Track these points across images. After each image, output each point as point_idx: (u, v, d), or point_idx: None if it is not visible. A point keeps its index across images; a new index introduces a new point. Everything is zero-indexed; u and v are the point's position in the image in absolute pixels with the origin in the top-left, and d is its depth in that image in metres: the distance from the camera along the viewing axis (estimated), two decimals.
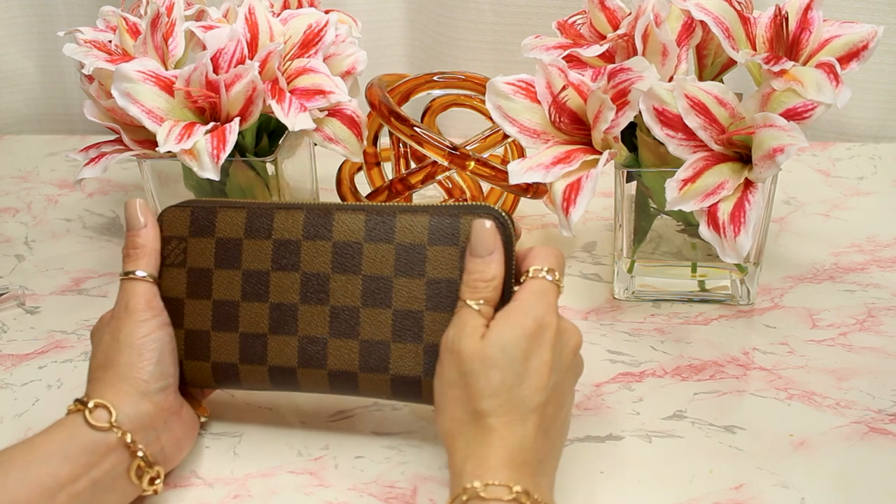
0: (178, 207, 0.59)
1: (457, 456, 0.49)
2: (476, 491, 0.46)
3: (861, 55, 0.64)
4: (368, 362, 0.55)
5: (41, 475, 0.48)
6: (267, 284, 0.57)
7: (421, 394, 0.55)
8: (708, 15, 0.65)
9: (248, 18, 0.73)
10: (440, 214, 0.55)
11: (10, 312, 0.75)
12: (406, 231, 0.55)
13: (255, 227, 0.57)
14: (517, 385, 0.49)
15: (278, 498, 0.56)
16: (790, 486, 0.55)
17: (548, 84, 0.67)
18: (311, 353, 0.56)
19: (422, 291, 0.55)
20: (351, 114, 0.73)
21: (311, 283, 0.56)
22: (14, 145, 1.08)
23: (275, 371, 0.57)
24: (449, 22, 1.02)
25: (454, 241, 0.54)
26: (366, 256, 0.56)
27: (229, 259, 0.57)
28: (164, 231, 0.59)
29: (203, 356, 0.58)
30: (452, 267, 0.54)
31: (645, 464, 0.58)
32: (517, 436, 0.48)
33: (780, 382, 0.64)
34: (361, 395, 0.57)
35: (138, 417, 0.53)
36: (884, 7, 0.94)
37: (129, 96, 0.67)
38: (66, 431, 0.51)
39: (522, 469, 0.48)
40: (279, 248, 0.57)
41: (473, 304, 0.52)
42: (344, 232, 0.56)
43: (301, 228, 0.57)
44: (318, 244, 0.56)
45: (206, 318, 0.58)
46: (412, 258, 0.55)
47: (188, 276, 0.58)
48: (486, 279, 0.52)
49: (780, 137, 0.60)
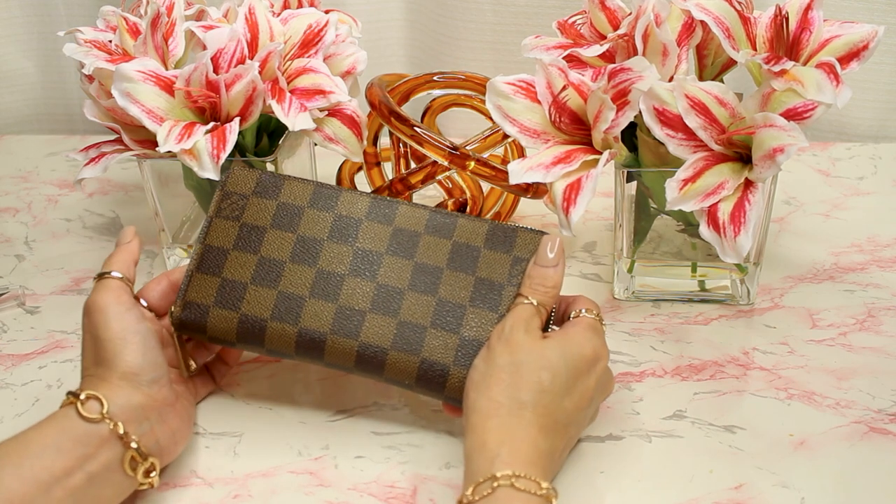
0: (247, 168, 0.61)
1: (490, 436, 0.50)
2: (510, 480, 0.47)
3: (861, 55, 0.64)
4: (401, 342, 0.56)
5: (35, 469, 0.49)
6: (319, 251, 0.58)
7: (445, 386, 0.56)
8: (708, 15, 0.65)
9: (248, 18, 0.73)
10: (498, 227, 0.59)
11: (10, 312, 0.76)
12: (465, 231, 0.59)
13: (320, 200, 0.60)
14: (561, 395, 0.52)
15: (278, 498, 0.56)
16: (790, 486, 0.55)
17: (548, 84, 0.67)
18: (347, 323, 0.57)
19: (469, 287, 0.57)
20: (351, 114, 0.73)
21: (364, 258, 0.58)
22: (14, 145, 1.08)
23: (304, 335, 0.57)
24: (449, 22, 1.02)
25: (508, 250, 0.58)
26: (422, 246, 0.58)
27: (287, 222, 0.59)
28: (228, 186, 0.61)
29: (233, 306, 0.58)
30: (503, 272, 0.58)
31: (645, 464, 0.58)
32: (548, 441, 0.51)
33: (780, 382, 0.64)
34: (384, 377, 0.57)
35: (131, 408, 0.53)
36: (884, 7, 0.94)
37: (129, 96, 0.67)
38: (59, 424, 0.51)
39: (547, 470, 0.50)
40: (339, 222, 0.59)
41: (533, 301, 0.55)
42: (406, 221, 0.59)
43: (365, 210, 0.60)
44: (378, 226, 0.59)
45: (248, 271, 0.58)
46: (466, 256, 0.58)
47: (240, 229, 0.59)
48: (547, 285, 0.56)
49: (780, 137, 0.60)
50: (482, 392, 0.52)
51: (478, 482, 0.48)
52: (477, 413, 0.51)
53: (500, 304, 0.57)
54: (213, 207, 0.60)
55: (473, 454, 0.50)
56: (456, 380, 0.55)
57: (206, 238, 0.59)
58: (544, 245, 0.58)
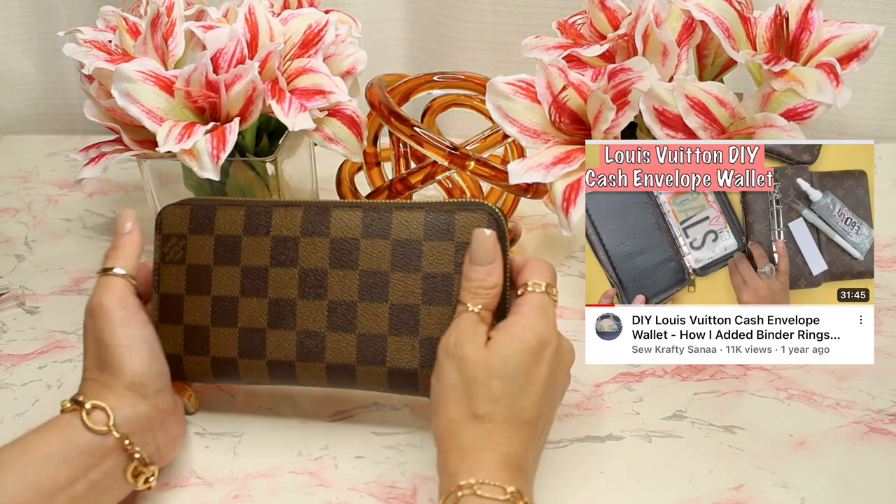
0: (177, 206, 0.60)
1: (451, 456, 0.49)
2: (472, 488, 0.47)
3: (861, 55, 0.64)
4: (366, 355, 0.56)
5: (39, 478, 0.48)
6: (266, 280, 0.57)
7: (417, 386, 0.56)
8: (708, 15, 0.65)
9: (248, 18, 0.73)
10: (435, 211, 0.56)
11: (10, 312, 0.75)
12: (402, 227, 0.56)
13: (253, 224, 0.58)
14: (516, 396, 0.50)
15: (278, 498, 0.56)
16: (790, 486, 0.55)
17: (548, 84, 0.67)
18: (310, 347, 0.56)
19: (418, 286, 0.56)
20: (351, 114, 0.73)
21: (310, 278, 0.57)
22: (14, 145, 1.08)
23: (273, 365, 0.57)
24: (449, 22, 1.02)
25: (449, 237, 0.55)
26: (363, 252, 0.56)
27: (228, 256, 0.58)
28: (164, 229, 0.59)
29: (202, 351, 0.58)
30: (448, 262, 0.55)
31: (645, 464, 0.58)
32: (512, 443, 0.50)
33: (780, 382, 0.64)
34: (359, 388, 0.57)
35: (136, 420, 0.53)
36: (884, 7, 0.94)
37: (129, 96, 0.67)
38: (64, 434, 0.51)
39: (515, 473, 0.49)
40: (277, 245, 0.57)
41: (474, 309, 0.53)
42: (341, 228, 0.57)
43: (299, 225, 0.57)
44: (315, 240, 0.57)
45: (206, 314, 0.58)
46: (408, 253, 0.56)
47: (187, 272, 0.58)
48: (486, 287, 0.53)
49: (780, 137, 0.60)
50: (441, 415, 0.51)
51: (444, 497, 0.48)
52: (439, 435, 0.51)
53: (451, 295, 0.55)
54: (157, 253, 0.59)
55: (440, 475, 0.50)
56: (426, 380, 0.55)
57: (159, 287, 0.59)
58: (476, 241, 0.54)
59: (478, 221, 0.55)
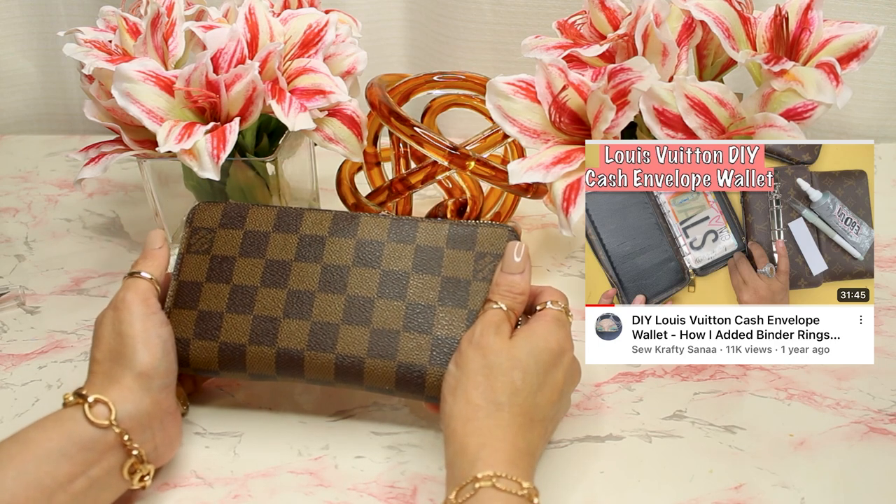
0: (211, 203, 0.63)
1: (469, 440, 0.50)
2: (492, 481, 0.48)
3: (861, 55, 0.64)
4: (377, 349, 0.57)
5: (40, 474, 0.48)
6: (288, 273, 0.59)
7: (424, 386, 0.56)
8: (708, 15, 0.65)
9: (248, 18, 0.73)
10: (459, 225, 0.60)
11: (10, 312, 0.76)
12: (427, 234, 0.60)
13: (284, 223, 0.61)
14: (535, 392, 0.52)
15: (278, 498, 0.56)
16: (790, 486, 0.55)
17: (548, 84, 0.67)
18: (322, 337, 0.58)
19: (436, 287, 0.58)
20: (351, 114, 0.73)
21: (331, 273, 0.59)
22: (14, 145, 1.08)
23: (282, 354, 0.58)
24: (449, 22, 1.02)
25: (470, 247, 0.59)
26: (386, 254, 0.59)
27: (254, 249, 0.60)
28: (195, 222, 0.62)
29: (212, 336, 0.59)
30: (467, 269, 0.59)
31: (645, 464, 0.58)
32: (526, 440, 0.51)
33: (780, 382, 0.64)
34: (365, 385, 0.58)
35: (138, 415, 0.53)
36: (884, 7, 0.94)
37: (129, 96, 0.67)
38: (65, 428, 0.51)
39: (526, 470, 0.50)
40: (304, 242, 0.60)
41: (502, 306, 0.56)
42: (368, 232, 0.60)
43: (328, 227, 0.61)
44: (342, 241, 0.60)
45: (222, 300, 0.59)
46: (430, 257, 0.59)
47: (210, 261, 0.60)
48: (515, 291, 0.57)
49: (780, 137, 0.60)
50: (459, 397, 0.52)
51: (460, 485, 0.48)
52: (455, 418, 0.52)
53: (467, 299, 0.58)
54: (183, 244, 0.62)
55: (455, 459, 0.50)
56: (434, 378, 0.56)
57: (179, 274, 0.61)
58: (510, 252, 0.58)
59: (499, 235, 0.59)
